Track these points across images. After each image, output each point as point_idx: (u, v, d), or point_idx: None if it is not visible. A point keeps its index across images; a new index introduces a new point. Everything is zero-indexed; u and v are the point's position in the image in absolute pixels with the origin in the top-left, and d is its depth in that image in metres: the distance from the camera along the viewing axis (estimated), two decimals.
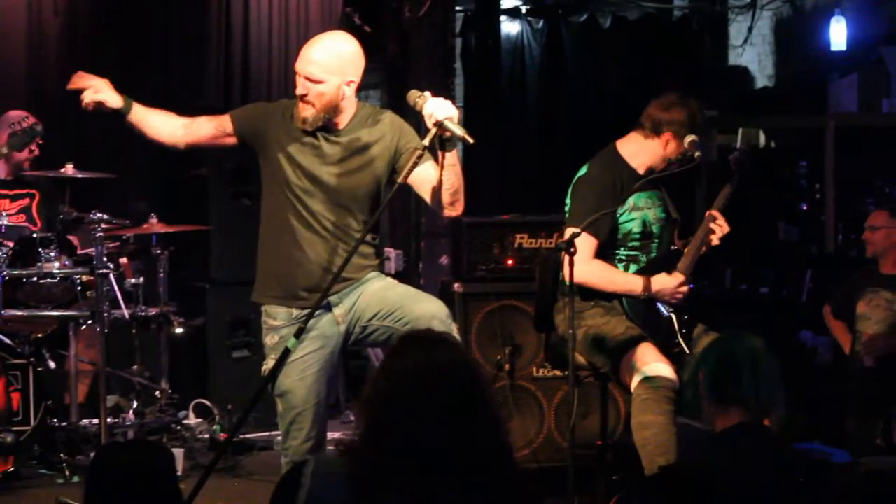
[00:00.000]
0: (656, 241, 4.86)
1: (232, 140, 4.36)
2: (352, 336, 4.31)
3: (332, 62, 4.23)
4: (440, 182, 4.19)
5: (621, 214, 4.80)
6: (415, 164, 4.12)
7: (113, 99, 4.31)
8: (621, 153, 4.89)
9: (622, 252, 4.83)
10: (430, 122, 4.04)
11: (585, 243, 4.67)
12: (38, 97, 7.14)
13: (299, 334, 4.14)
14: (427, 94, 4.11)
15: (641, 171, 4.87)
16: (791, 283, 8.12)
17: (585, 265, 4.67)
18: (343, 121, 4.29)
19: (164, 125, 4.40)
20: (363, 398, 2.70)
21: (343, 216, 4.26)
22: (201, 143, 4.42)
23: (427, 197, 4.27)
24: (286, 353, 4.17)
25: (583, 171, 4.90)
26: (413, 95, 4.12)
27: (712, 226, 4.82)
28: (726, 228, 4.83)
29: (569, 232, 4.65)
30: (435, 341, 2.78)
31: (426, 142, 4.07)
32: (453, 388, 2.66)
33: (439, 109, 4.03)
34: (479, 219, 5.97)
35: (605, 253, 4.79)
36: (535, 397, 5.66)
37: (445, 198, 4.24)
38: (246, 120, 4.35)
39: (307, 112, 4.23)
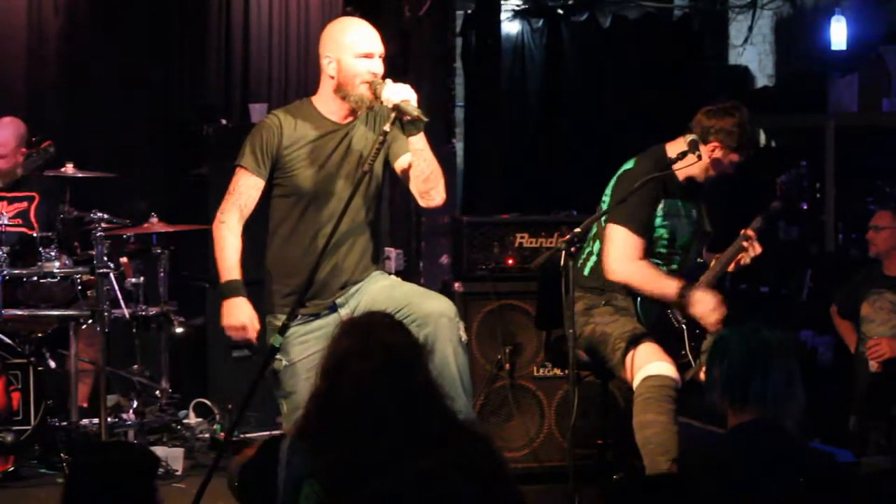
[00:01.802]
0: (681, 251, 4.83)
1: (265, 187, 4.30)
2: None
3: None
4: (410, 168, 4.21)
5: (657, 217, 4.76)
6: (377, 152, 4.12)
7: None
8: (670, 157, 4.74)
9: (649, 258, 4.80)
10: (388, 107, 4.08)
11: (629, 242, 4.64)
12: (38, 97, 7.14)
13: (283, 331, 4.13)
14: (388, 80, 4.15)
15: (682, 178, 4.77)
16: (791, 282, 8.11)
17: (627, 264, 4.64)
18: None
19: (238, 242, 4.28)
20: (311, 392, 2.72)
21: (354, 215, 4.24)
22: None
23: (410, 187, 4.28)
24: (273, 350, 4.17)
25: (629, 165, 4.80)
26: (373, 84, 4.15)
27: (745, 244, 4.77)
28: (759, 250, 4.75)
29: (616, 231, 4.63)
30: (371, 327, 2.80)
31: (387, 127, 4.10)
32: (388, 382, 2.68)
33: (396, 93, 4.06)
34: (479, 218, 5.98)
35: None
36: (535, 397, 5.65)
37: (419, 185, 4.22)
38: (261, 163, 4.26)
39: (367, 91, 4.19)
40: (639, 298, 4.71)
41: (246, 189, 4.26)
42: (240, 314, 4.18)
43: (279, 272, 4.30)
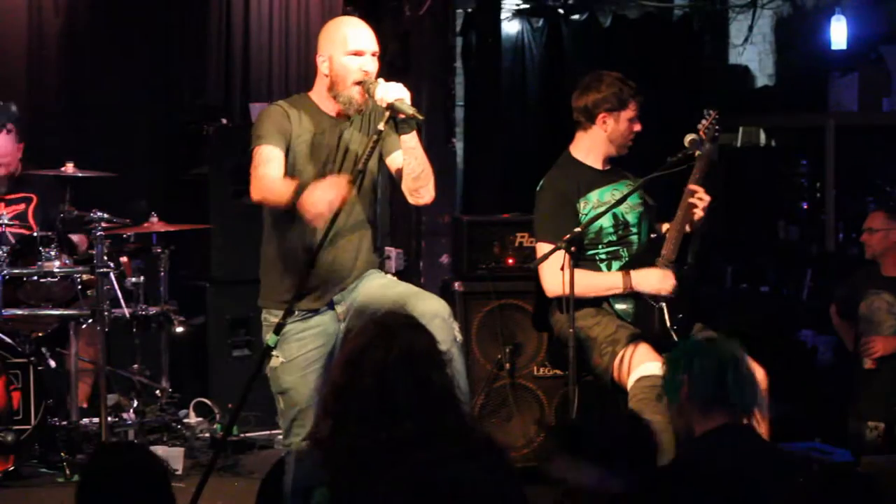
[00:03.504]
0: (634, 229, 4.86)
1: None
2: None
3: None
4: (401, 166, 4.21)
5: (586, 214, 4.78)
6: (372, 150, 4.11)
7: None
8: (575, 156, 4.95)
9: (601, 251, 4.82)
10: (382, 106, 4.08)
11: (556, 255, 4.65)
12: (38, 97, 7.14)
13: (279, 330, 4.13)
14: (380, 80, 4.15)
15: (600, 165, 4.92)
16: (791, 282, 8.12)
17: (559, 277, 4.65)
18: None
19: None
20: (323, 391, 2.72)
21: (352, 211, 4.24)
22: None
23: (400, 185, 4.28)
24: (267, 349, 4.17)
25: (540, 183, 4.96)
26: (366, 83, 4.14)
27: (692, 200, 4.78)
28: (707, 199, 4.77)
29: (541, 248, 4.72)
30: (390, 328, 2.80)
31: (381, 126, 4.09)
32: (407, 373, 2.68)
33: (389, 92, 4.07)
34: (479, 217, 5.99)
35: (584, 256, 4.77)
36: (535, 396, 5.66)
37: (409, 183, 4.22)
38: (280, 141, 4.17)
39: (357, 94, 4.18)
40: None
41: (276, 158, 4.12)
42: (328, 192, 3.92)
43: (276, 269, 4.29)
